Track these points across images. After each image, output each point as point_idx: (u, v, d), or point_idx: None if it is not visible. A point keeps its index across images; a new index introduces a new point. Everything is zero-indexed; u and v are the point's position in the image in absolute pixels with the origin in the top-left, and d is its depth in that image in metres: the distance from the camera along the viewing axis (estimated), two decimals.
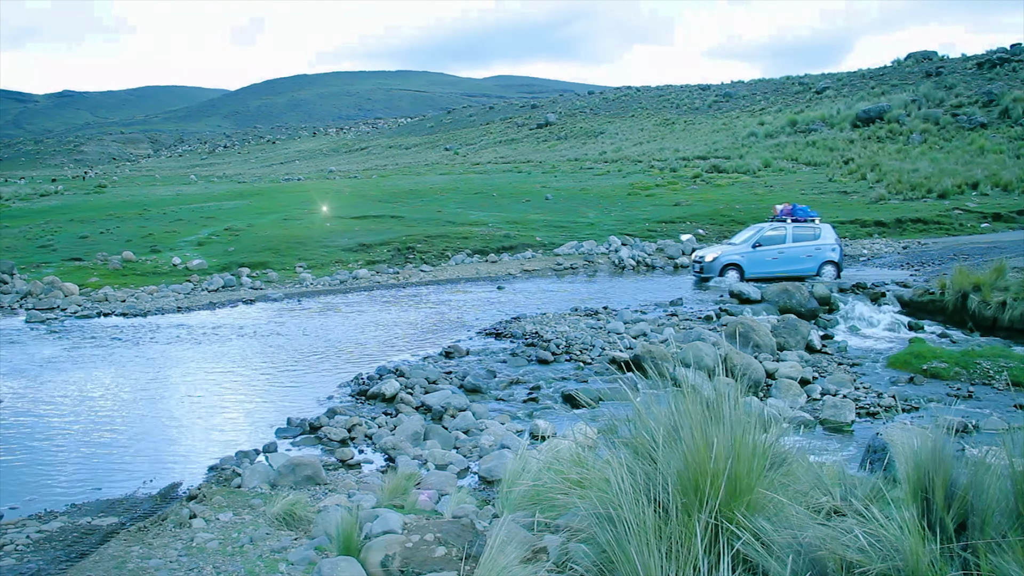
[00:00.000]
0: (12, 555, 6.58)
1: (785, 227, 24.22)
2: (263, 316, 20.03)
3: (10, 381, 13.56)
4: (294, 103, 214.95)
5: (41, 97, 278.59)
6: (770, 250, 23.91)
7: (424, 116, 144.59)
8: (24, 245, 31.97)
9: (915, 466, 4.09)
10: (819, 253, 23.99)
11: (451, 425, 10.40)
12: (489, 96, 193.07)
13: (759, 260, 23.83)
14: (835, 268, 23.87)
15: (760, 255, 23.87)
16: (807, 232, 24.25)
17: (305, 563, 5.76)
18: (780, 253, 23.92)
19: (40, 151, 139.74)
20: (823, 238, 24.17)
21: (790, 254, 23.96)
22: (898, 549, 3.48)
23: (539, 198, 42.72)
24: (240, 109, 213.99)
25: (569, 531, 4.81)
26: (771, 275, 23.25)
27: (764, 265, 23.75)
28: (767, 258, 23.83)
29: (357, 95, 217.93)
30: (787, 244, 24.03)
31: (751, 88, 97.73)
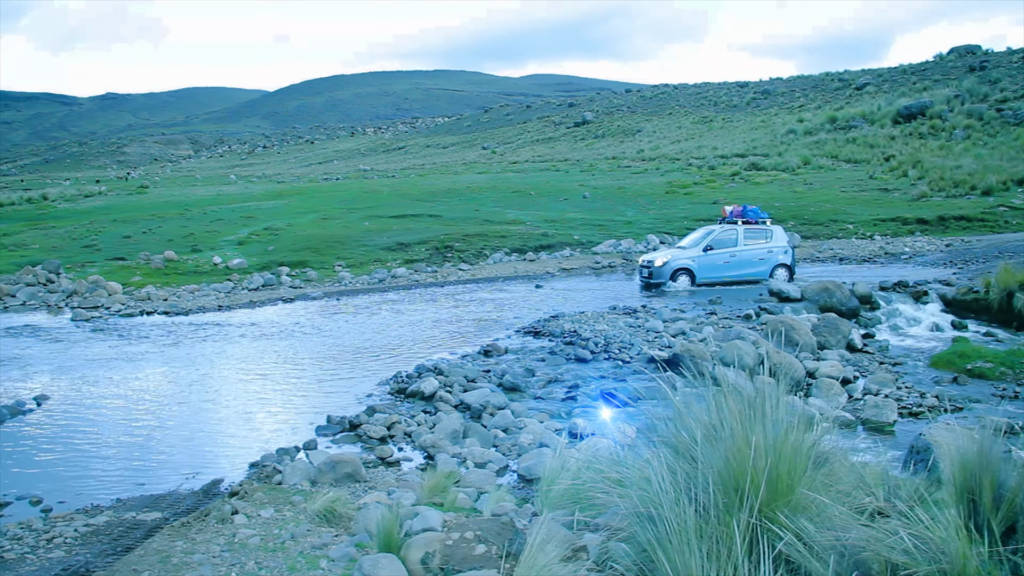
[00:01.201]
0: (61, 547, 6.70)
1: (736, 229, 23.50)
2: (302, 315, 20.19)
3: (57, 378, 13.78)
4: (332, 103, 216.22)
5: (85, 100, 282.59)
6: (722, 253, 23.15)
7: (461, 115, 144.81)
8: (69, 245, 32.47)
9: (961, 467, 4.04)
10: (771, 256, 23.39)
11: (490, 423, 10.41)
12: (526, 95, 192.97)
13: (711, 264, 23.08)
14: (787, 271, 23.29)
15: (712, 259, 23.08)
16: (759, 234, 23.63)
17: (346, 560, 5.81)
18: (732, 256, 23.22)
19: (84, 153, 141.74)
20: (775, 240, 23.60)
21: (742, 257, 23.29)
22: (944, 552, 3.44)
23: (577, 197, 42.65)
24: (279, 110, 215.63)
25: (609, 530, 4.80)
26: (723, 279, 22.95)
27: (716, 269, 23.08)
28: (719, 262, 23.12)
29: (394, 95, 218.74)
30: (739, 247, 23.33)
31: (790, 85, 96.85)
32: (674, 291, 22.07)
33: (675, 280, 22.51)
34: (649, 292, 22.37)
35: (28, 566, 6.30)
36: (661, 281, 22.53)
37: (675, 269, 22.66)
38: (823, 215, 35.70)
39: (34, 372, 14.31)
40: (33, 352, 16.13)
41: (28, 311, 21.77)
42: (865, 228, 33.61)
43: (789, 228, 32.96)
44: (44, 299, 23.06)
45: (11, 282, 24.71)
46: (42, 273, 25.58)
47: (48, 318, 20.63)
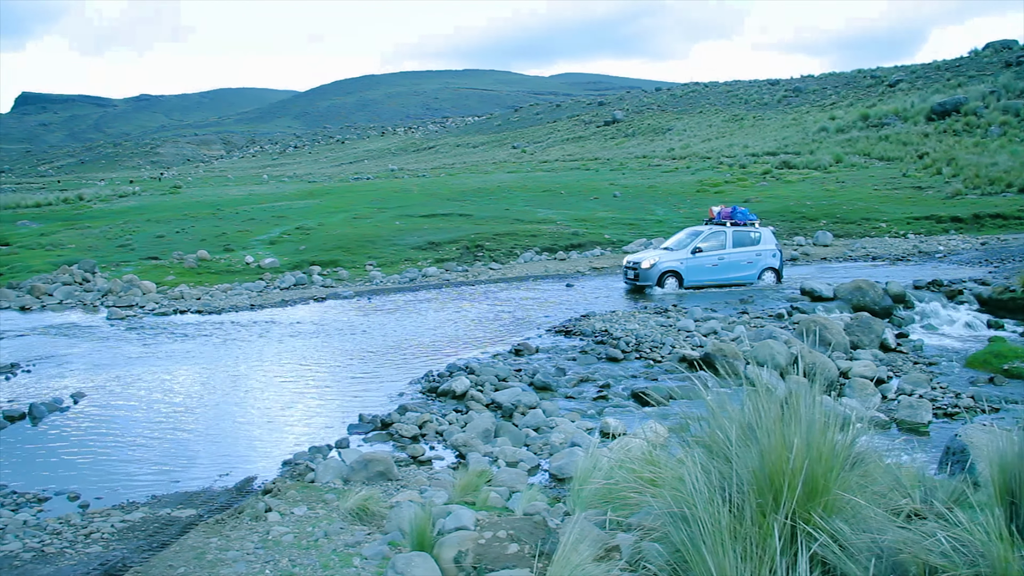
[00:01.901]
0: (99, 543, 6.78)
1: (724, 231, 22.90)
2: (334, 313, 20.29)
3: (92, 376, 13.94)
4: (362, 103, 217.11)
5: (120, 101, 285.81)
6: (710, 256, 22.52)
7: (491, 115, 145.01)
8: (104, 244, 32.84)
9: (1000, 469, 3.99)
10: (759, 259, 22.85)
11: (521, 423, 10.42)
12: (556, 94, 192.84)
13: (699, 267, 22.42)
14: (775, 275, 22.85)
15: (700, 261, 22.42)
16: (747, 236, 23.02)
17: (379, 558, 5.83)
18: (720, 259, 22.59)
19: (119, 154, 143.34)
20: (763, 243, 23.01)
21: (730, 260, 22.69)
22: (984, 555, 3.40)
23: (607, 195, 42.57)
24: (310, 110, 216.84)
25: (642, 530, 4.79)
26: (711, 283, 22.43)
27: (704, 272, 22.46)
28: (707, 265, 22.48)
29: (424, 94, 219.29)
30: (727, 250, 22.69)
31: (821, 82, 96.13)
32: (661, 295, 21.46)
33: (662, 284, 21.95)
34: (635, 295, 21.79)
35: (67, 560, 6.38)
36: (648, 284, 21.99)
37: (662, 272, 22.05)
38: (855, 213, 35.38)
39: (71, 370, 14.49)
40: (70, 350, 16.32)
41: (65, 310, 22.03)
42: (898, 226, 33.28)
43: (821, 227, 32.74)
44: (80, 298, 23.33)
45: (48, 281, 25.03)
46: (78, 272, 25.89)
47: (84, 317, 20.86)
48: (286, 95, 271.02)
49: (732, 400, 4.70)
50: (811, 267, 26.49)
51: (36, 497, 8.26)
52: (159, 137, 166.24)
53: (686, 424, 5.29)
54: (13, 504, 8.05)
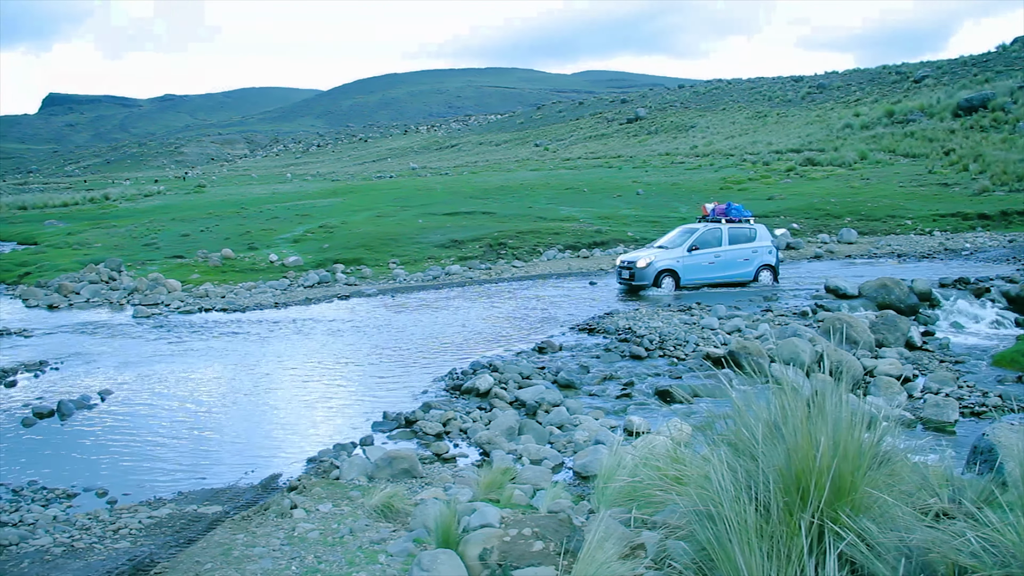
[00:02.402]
0: (127, 538, 6.84)
1: (720, 228, 22.34)
2: (358, 311, 20.36)
3: (119, 373, 14.06)
4: (385, 102, 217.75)
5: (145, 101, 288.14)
6: (706, 254, 21.94)
7: (513, 112, 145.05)
8: (130, 243, 33.15)
9: None
10: (756, 256, 22.40)
11: (545, 420, 10.42)
12: (578, 92, 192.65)
13: (696, 265, 21.87)
14: (772, 273, 22.45)
15: (697, 260, 21.85)
16: (743, 233, 22.53)
17: (404, 555, 5.85)
18: (717, 257, 22.04)
19: (144, 153, 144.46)
20: (759, 239, 22.59)
21: (727, 258, 22.16)
22: (1016, 555, 3.37)
23: (630, 193, 42.50)
24: (333, 109, 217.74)
25: (667, 528, 4.78)
26: (707, 282, 21.93)
27: (701, 271, 21.92)
28: (704, 263, 21.91)
29: (447, 93, 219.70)
30: (724, 247, 22.17)
31: (846, 78, 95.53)
32: (657, 295, 20.96)
33: (659, 283, 21.38)
34: (630, 296, 21.21)
35: (96, 555, 6.44)
36: (644, 284, 21.35)
37: (659, 271, 21.43)
38: (880, 211, 35.15)
39: (98, 367, 14.62)
40: (97, 348, 16.47)
41: (92, 308, 22.24)
42: (924, 224, 33.03)
43: (845, 224, 32.54)
44: (106, 296, 23.54)
45: (75, 280, 25.27)
46: (104, 271, 26.13)
47: (110, 315, 21.05)
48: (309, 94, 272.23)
49: (758, 398, 4.68)
50: (836, 264, 26.32)
51: (65, 493, 8.34)
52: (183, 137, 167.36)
53: (711, 422, 5.28)
54: (43, 500, 8.15)
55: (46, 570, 6.13)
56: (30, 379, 13.83)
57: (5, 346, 16.79)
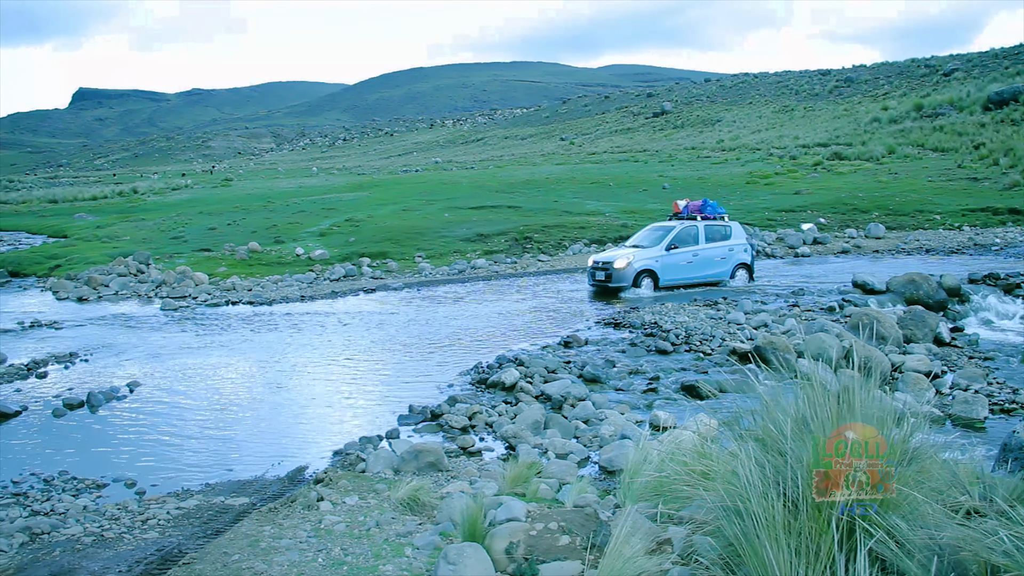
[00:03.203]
0: (155, 528, 6.91)
1: (697, 225, 21.55)
2: (384, 305, 20.42)
3: (147, 365, 14.18)
4: (411, 96, 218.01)
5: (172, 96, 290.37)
6: (684, 253, 21.06)
7: (539, 106, 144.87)
8: (158, 236, 33.41)
9: None
10: (732, 255, 21.63)
11: (571, 414, 10.41)
12: (604, 86, 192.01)
13: (674, 265, 20.90)
14: (748, 272, 21.76)
15: (675, 259, 20.91)
16: (719, 231, 21.78)
17: (430, 548, 5.86)
18: (695, 256, 21.18)
19: (172, 147, 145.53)
20: (735, 237, 21.86)
21: (704, 257, 21.32)
22: None
23: (656, 188, 42.34)
24: (359, 103, 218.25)
25: (694, 523, 4.77)
26: (686, 282, 21.06)
27: (679, 270, 20.99)
28: (682, 262, 21.00)
29: (473, 87, 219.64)
30: (701, 245, 21.37)
31: (874, 72, 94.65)
32: (636, 297, 19.99)
33: (638, 284, 20.36)
34: (605, 299, 20.12)
35: (126, 545, 6.51)
36: (623, 285, 20.29)
37: (638, 271, 20.43)
38: (909, 205, 34.79)
39: (126, 359, 14.76)
40: (125, 340, 16.63)
41: (120, 300, 22.44)
42: (953, 218, 32.65)
43: (873, 219, 32.26)
44: (135, 289, 23.74)
45: (104, 272, 25.51)
46: (133, 264, 26.36)
47: (139, 307, 21.23)
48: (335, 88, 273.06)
49: (786, 394, 4.65)
50: (863, 259, 26.12)
51: (95, 483, 8.43)
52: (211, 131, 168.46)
53: (737, 418, 5.25)
54: (74, 490, 8.24)
55: (77, 559, 6.20)
56: (60, 370, 13.98)
57: (36, 338, 16.99)
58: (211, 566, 5.84)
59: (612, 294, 20.35)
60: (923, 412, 9.70)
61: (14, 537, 6.70)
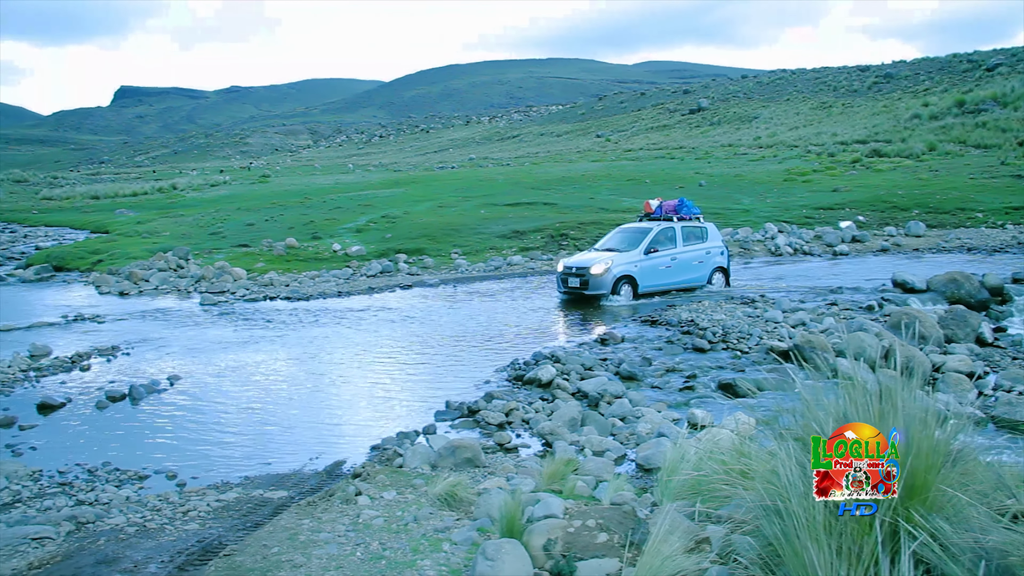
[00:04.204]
0: (195, 520, 6.99)
1: (674, 227, 20.23)
2: (420, 301, 20.50)
3: (187, 359, 14.34)
4: (447, 92, 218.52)
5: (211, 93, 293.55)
6: (663, 257, 19.74)
7: (575, 103, 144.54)
8: (197, 232, 33.78)
9: None
10: (710, 258, 20.49)
11: (607, 412, 10.39)
12: (640, 82, 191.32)
13: (653, 270, 19.56)
14: (724, 276, 20.75)
15: (654, 263, 19.59)
16: (695, 232, 20.54)
17: (468, 544, 5.88)
18: (673, 260, 19.87)
19: (210, 144, 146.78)
20: (711, 239, 20.70)
21: (682, 261, 20.01)
22: None
23: (692, 184, 42.13)
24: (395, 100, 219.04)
25: (732, 522, 4.75)
26: (663, 288, 19.74)
27: (658, 276, 19.64)
28: (660, 267, 19.69)
29: (508, 83, 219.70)
30: (679, 248, 20.06)
31: (914, 67, 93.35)
32: (617, 305, 18.76)
33: (617, 291, 19.04)
34: (579, 307, 18.81)
35: (167, 536, 6.59)
36: (601, 293, 18.93)
37: (618, 277, 19.09)
38: (950, 203, 34.31)
39: (167, 353, 14.94)
40: (165, 334, 16.82)
41: (160, 295, 22.72)
42: (996, 216, 32.16)
43: (913, 217, 31.87)
44: (175, 284, 24.03)
45: (145, 267, 25.85)
46: (173, 259, 26.67)
47: (178, 302, 21.47)
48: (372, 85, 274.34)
49: (826, 393, 4.62)
50: (903, 258, 25.82)
51: (137, 474, 8.55)
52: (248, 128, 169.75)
53: (776, 416, 5.22)
54: (116, 480, 8.36)
55: (121, 548, 6.29)
56: (103, 363, 14.18)
57: (80, 331, 17.25)
58: (251, 558, 5.89)
59: (588, 303, 19.00)
60: (966, 413, 9.60)
61: (61, 525, 6.81)
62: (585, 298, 19.04)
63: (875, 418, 4.11)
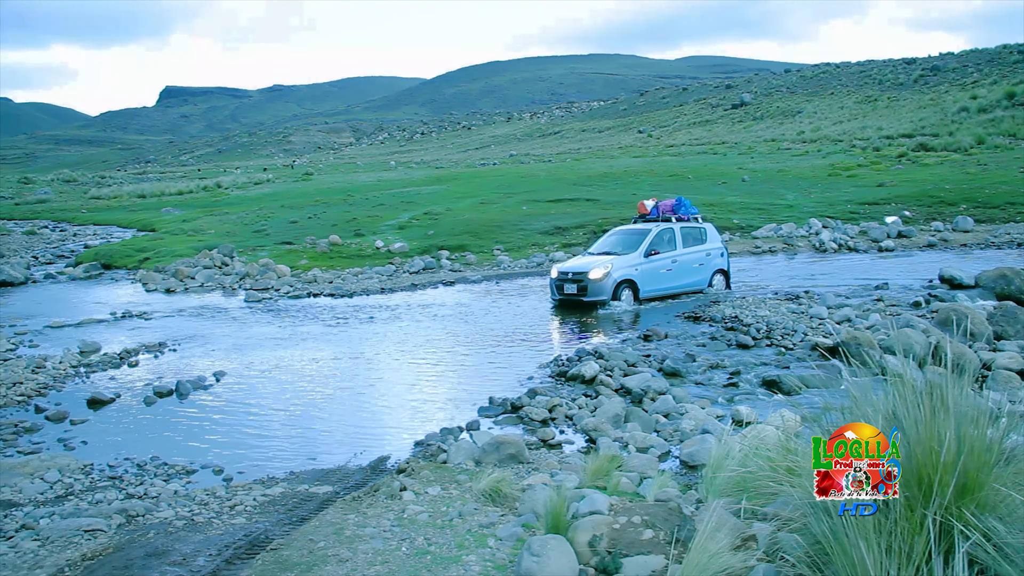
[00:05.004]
0: (242, 515, 7.06)
1: (673, 228, 19.31)
2: (463, 297, 20.55)
3: (233, 355, 14.50)
4: (488, 89, 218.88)
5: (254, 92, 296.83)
6: (663, 260, 18.75)
7: (616, 99, 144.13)
8: (241, 230, 34.15)
9: None
10: (710, 260, 19.56)
11: (651, 408, 10.34)
12: (682, 77, 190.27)
13: (654, 273, 18.56)
14: (725, 278, 19.86)
15: (655, 266, 18.60)
16: (694, 234, 19.64)
17: (513, 539, 5.89)
18: (674, 263, 18.89)
19: (253, 142, 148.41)
20: (710, 240, 19.77)
21: (683, 263, 19.06)
22: None
23: (735, 180, 41.78)
24: (436, 97, 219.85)
25: (779, 520, 4.71)
26: (664, 293, 18.82)
27: (659, 280, 18.65)
28: (661, 270, 18.69)
29: (550, 80, 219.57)
30: (679, 251, 19.12)
31: (961, 59, 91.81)
32: (621, 311, 17.76)
33: (618, 296, 18.03)
34: (573, 314, 17.75)
35: (215, 530, 6.67)
36: (602, 299, 17.92)
37: (619, 282, 18.03)
38: (999, 198, 33.66)
39: (212, 349, 15.12)
40: (211, 330, 17.03)
41: (206, 292, 23.01)
42: None
43: (961, 212, 31.34)
44: (220, 281, 24.31)
45: (190, 265, 26.18)
46: (217, 256, 26.98)
47: (223, 299, 21.72)
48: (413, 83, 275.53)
49: (873, 390, 4.56)
50: (950, 253, 25.43)
51: (184, 469, 8.65)
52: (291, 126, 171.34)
53: (822, 413, 5.16)
54: (165, 475, 8.47)
55: (170, 541, 6.38)
56: (150, 360, 14.38)
57: (128, 328, 17.51)
58: (297, 552, 5.95)
59: (586, 310, 17.97)
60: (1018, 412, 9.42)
61: (112, 518, 6.92)
62: (583, 305, 18.11)
63: (926, 415, 4.06)
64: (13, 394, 11.89)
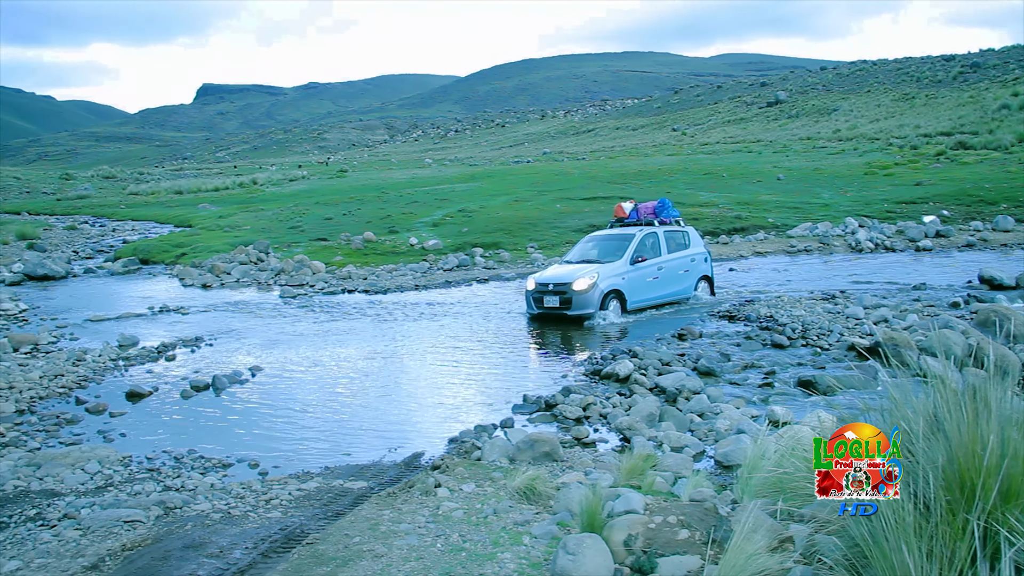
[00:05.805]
0: (278, 509, 7.12)
1: (657, 232, 18.22)
2: (497, 295, 20.56)
3: (268, 351, 14.61)
4: (522, 87, 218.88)
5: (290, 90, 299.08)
6: (649, 267, 17.59)
7: (650, 97, 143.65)
8: (277, 226, 34.37)
9: None
10: (695, 266, 18.59)
11: (685, 408, 10.29)
12: (716, 75, 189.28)
13: (640, 282, 17.39)
14: (709, 284, 18.99)
15: (641, 275, 17.41)
16: (678, 238, 18.64)
17: (548, 538, 5.88)
18: (659, 270, 17.77)
19: (288, 139, 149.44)
20: (694, 245, 18.82)
21: (668, 270, 17.94)
22: None
23: (770, 178, 41.49)
24: (470, 94, 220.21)
25: (816, 522, 4.68)
26: (651, 303, 17.71)
27: (645, 288, 17.50)
28: (648, 278, 17.53)
29: (583, 77, 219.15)
30: (664, 257, 17.99)
31: (1002, 56, 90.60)
32: (606, 323, 16.50)
33: (605, 308, 16.71)
34: (555, 328, 16.43)
35: (251, 523, 6.73)
36: (587, 312, 16.50)
37: (605, 293, 16.71)
38: None
39: (248, 344, 15.24)
40: (247, 325, 17.17)
41: (241, 287, 23.19)
42: None
43: (1001, 211, 30.90)
44: (255, 277, 24.49)
45: (226, 261, 26.40)
46: (253, 252, 27.21)
47: (259, 294, 21.89)
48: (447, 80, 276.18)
49: (913, 391, 4.51)
50: (989, 254, 25.08)
51: (221, 462, 8.73)
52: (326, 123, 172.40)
53: (859, 414, 5.11)
54: (201, 468, 8.56)
55: (207, 533, 6.44)
56: (187, 354, 14.53)
57: (165, 322, 17.71)
58: (333, 547, 5.98)
59: (570, 324, 16.57)
60: None
61: (151, 510, 7.01)
62: (566, 319, 16.67)
63: (969, 418, 4.00)
64: (55, 386, 12.09)
